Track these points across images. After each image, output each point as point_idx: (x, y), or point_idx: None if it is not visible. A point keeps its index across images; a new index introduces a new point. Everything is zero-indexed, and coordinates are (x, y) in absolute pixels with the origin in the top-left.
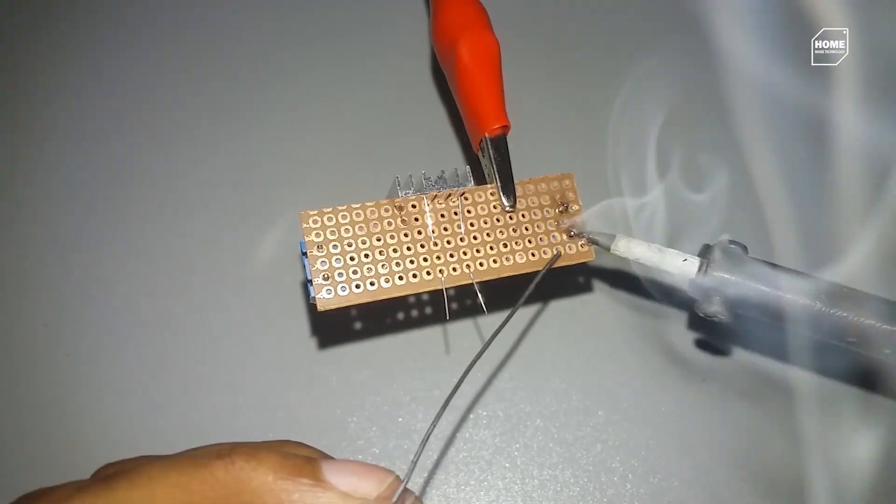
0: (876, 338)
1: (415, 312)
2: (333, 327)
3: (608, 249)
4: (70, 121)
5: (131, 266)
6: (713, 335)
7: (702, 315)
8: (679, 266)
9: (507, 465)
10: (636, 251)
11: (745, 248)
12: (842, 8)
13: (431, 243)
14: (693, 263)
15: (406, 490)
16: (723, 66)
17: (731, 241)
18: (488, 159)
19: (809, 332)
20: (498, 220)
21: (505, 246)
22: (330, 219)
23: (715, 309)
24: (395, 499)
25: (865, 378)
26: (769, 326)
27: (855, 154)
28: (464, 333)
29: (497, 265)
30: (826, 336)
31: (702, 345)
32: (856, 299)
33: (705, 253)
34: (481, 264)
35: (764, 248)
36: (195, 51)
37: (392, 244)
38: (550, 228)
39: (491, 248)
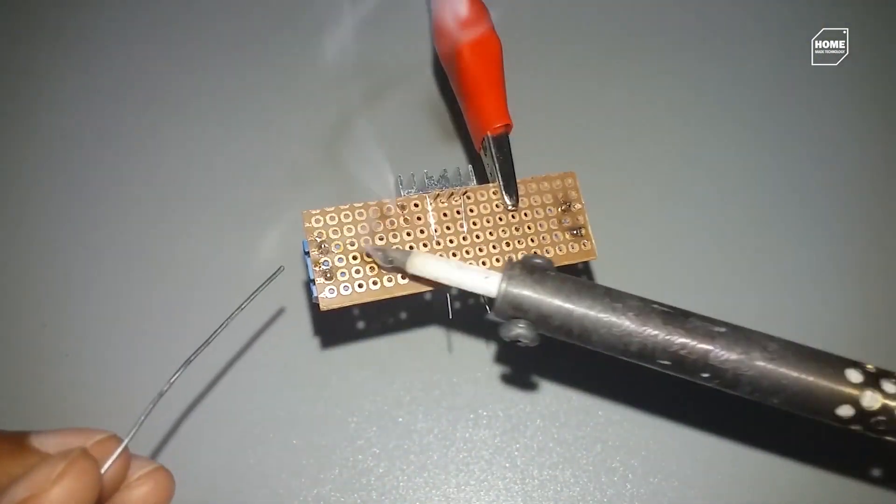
0: (690, 360)
1: (417, 312)
2: (335, 327)
3: (404, 268)
4: (70, 120)
5: (131, 266)
6: None
7: (506, 340)
8: (480, 284)
9: (507, 465)
10: (433, 269)
11: (549, 263)
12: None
13: (434, 242)
14: (494, 281)
15: (126, 450)
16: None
17: (537, 257)
18: (490, 158)
19: (618, 354)
20: (500, 219)
21: (507, 244)
22: (332, 218)
23: (518, 332)
24: (114, 457)
25: None
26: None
27: None
28: (466, 333)
29: (500, 264)
30: (635, 358)
31: None
32: (670, 317)
33: (507, 270)
34: (484, 263)
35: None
36: (196, 50)
37: (394, 243)
38: (553, 227)
39: (493, 247)
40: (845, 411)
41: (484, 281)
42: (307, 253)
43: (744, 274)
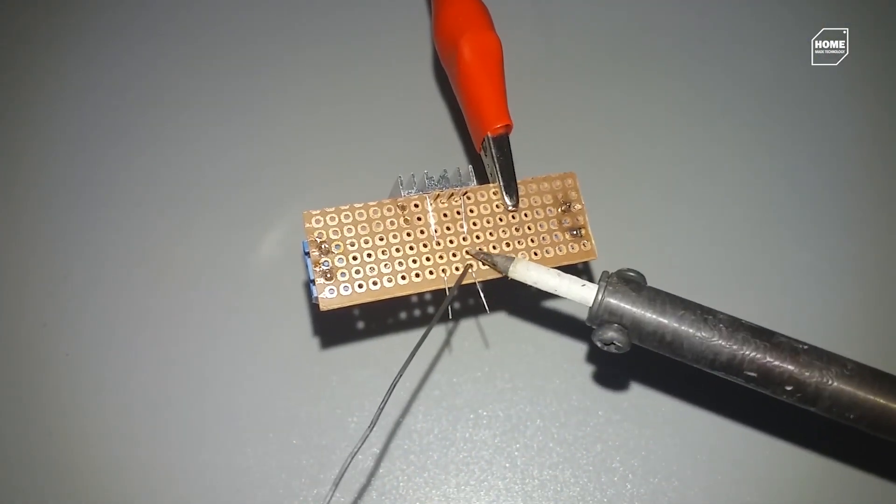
0: (774, 374)
1: (417, 312)
2: (335, 327)
3: (506, 272)
4: (71, 121)
5: (132, 266)
6: None
7: (598, 344)
8: (577, 292)
9: (507, 465)
10: (533, 276)
11: (642, 277)
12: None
13: (434, 243)
14: (591, 290)
15: None
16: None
17: (630, 270)
18: (491, 158)
19: (704, 366)
20: (500, 220)
21: (507, 245)
22: (332, 218)
23: (611, 335)
24: None
25: None
26: (666, 358)
27: None
28: (466, 333)
29: None
30: (722, 369)
31: None
32: (755, 334)
33: (604, 280)
34: (484, 263)
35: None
36: (197, 51)
37: (394, 244)
38: (553, 227)
39: (493, 248)
40: None
41: (581, 289)
42: (307, 253)
43: (744, 274)
